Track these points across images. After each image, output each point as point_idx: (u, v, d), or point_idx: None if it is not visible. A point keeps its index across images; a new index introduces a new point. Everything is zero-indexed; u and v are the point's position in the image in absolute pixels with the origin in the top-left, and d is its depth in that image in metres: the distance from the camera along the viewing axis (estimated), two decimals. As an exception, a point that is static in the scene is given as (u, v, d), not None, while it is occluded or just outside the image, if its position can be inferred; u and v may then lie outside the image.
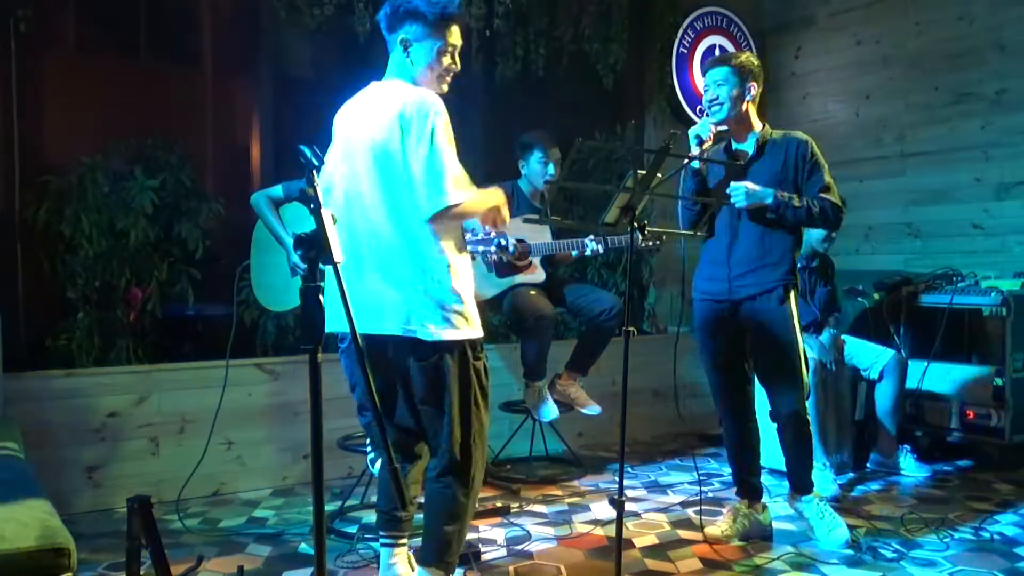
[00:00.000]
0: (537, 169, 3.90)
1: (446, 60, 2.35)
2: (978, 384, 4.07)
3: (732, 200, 2.91)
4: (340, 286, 1.47)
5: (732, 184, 2.92)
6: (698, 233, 2.92)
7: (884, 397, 4.04)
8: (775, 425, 3.13)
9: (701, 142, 2.94)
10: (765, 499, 3.27)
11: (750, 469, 3.20)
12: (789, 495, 3.23)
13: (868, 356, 4.08)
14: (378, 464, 3.00)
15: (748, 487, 3.20)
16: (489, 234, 3.09)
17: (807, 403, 3.11)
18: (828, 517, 3.09)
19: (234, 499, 3.66)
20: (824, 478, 3.69)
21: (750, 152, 3.05)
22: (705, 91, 3.08)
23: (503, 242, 3.48)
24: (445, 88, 2.39)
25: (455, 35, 2.36)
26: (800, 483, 3.15)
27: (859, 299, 4.54)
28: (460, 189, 2.19)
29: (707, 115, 3.06)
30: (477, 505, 3.40)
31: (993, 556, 2.91)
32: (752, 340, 3.08)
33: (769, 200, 2.90)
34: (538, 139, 3.91)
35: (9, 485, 2.13)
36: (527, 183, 3.98)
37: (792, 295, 3.01)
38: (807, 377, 3.09)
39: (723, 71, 3.02)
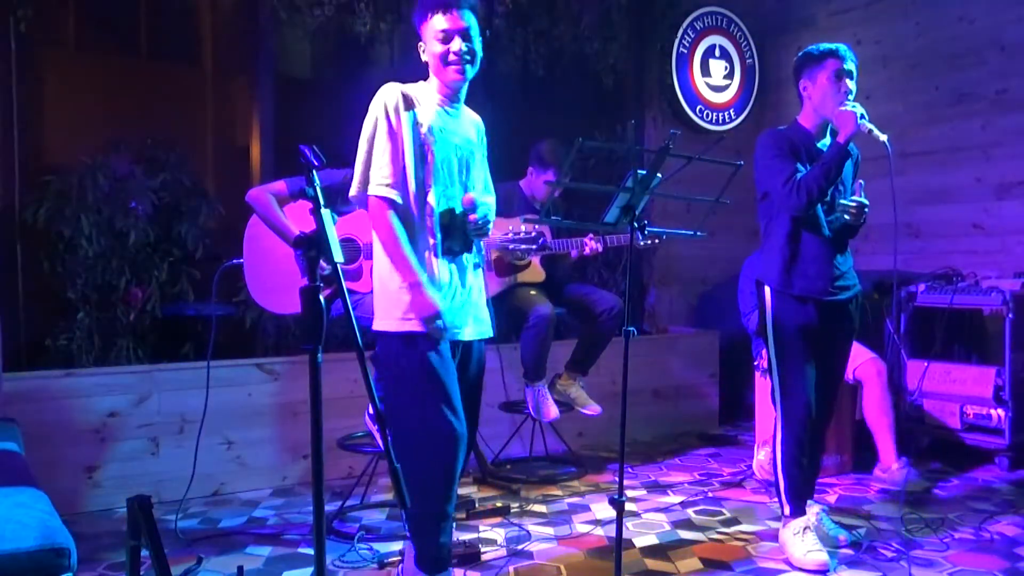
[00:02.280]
0: (540, 188, 3.94)
1: (441, 44, 2.28)
2: (978, 384, 4.07)
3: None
4: (342, 287, 1.47)
5: (863, 195, 2.91)
6: (699, 233, 2.91)
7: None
8: None
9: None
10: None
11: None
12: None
13: None
14: None
15: (806, 496, 3.02)
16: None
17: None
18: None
19: (234, 499, 3.66)
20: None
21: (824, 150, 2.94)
22: (845, 77, 2.84)
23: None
24: (458, 76, 2.32)
25: (445, 20, 2.27)
26: (813, 490, 3.14)
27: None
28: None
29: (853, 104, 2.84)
30: (477, 505, 3.43)
31: (993, 556, 2.91)
32: (836, 343, 2.97)
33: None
34: (556, 164, 3.85)
35: (9, 485, 2.13)
36: (528, 187, 4.00)
37: None
38: None
39: None
